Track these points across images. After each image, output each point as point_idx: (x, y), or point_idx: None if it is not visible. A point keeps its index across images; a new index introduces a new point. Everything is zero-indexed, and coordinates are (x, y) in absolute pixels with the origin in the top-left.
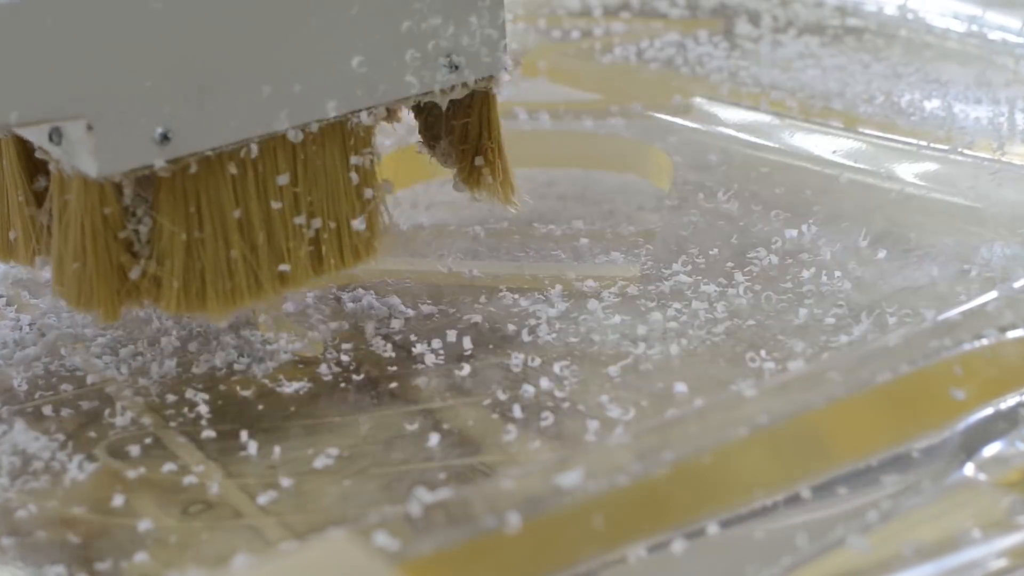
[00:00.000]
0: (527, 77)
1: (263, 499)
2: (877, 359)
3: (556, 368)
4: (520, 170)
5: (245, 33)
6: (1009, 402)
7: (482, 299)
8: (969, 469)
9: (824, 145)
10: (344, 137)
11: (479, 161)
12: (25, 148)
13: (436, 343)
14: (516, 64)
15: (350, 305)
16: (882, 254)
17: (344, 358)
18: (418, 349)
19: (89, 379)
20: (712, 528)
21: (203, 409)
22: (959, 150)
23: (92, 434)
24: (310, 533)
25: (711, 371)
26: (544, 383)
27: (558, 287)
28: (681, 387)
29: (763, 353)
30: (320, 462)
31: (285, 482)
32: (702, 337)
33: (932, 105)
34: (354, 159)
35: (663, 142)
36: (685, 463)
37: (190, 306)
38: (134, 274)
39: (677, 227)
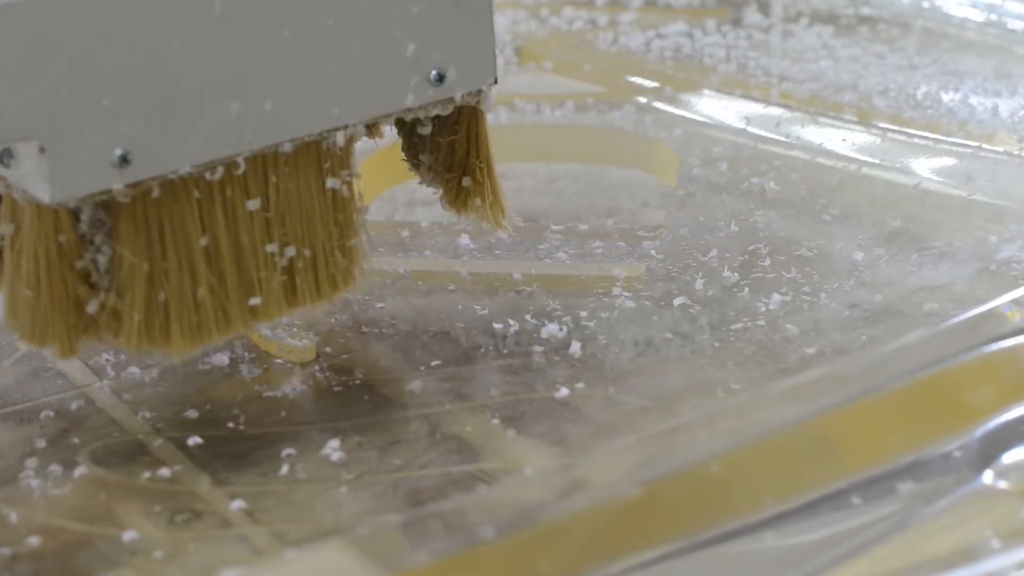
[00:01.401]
0: (527, 68)
1: (252, 508)
2: (892, 362)
3: (557, 371)
4: (521, 165)
5: (212, 46)
6: None
7: (481, 299)
8: (988, 476)
9: (837, 139)
10: (320, 158)
11: (466, 182)
12: None
13: (433, 346)
14: (516, 55)
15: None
16: (897, 252)
17: (338, 360)
18: (415, 352)
19: (73, 383)
20: (721, 538)
21: (191, 414)
22: (978, 144)
23: (75, 440)
24: (302, 543)
25: (719, 374)
26: (545, 386)
27: (558, 287)
28: (687, 390)
29: (773, 355)
30: (313, 469)
31: (276, 490)
32: (709, 338)
33: (949, 98)
34: (330, 182)
35: (669, 136)
36: (692, 471)
37: (152, 342)
38: (91, 308)
39: (683, 224)
